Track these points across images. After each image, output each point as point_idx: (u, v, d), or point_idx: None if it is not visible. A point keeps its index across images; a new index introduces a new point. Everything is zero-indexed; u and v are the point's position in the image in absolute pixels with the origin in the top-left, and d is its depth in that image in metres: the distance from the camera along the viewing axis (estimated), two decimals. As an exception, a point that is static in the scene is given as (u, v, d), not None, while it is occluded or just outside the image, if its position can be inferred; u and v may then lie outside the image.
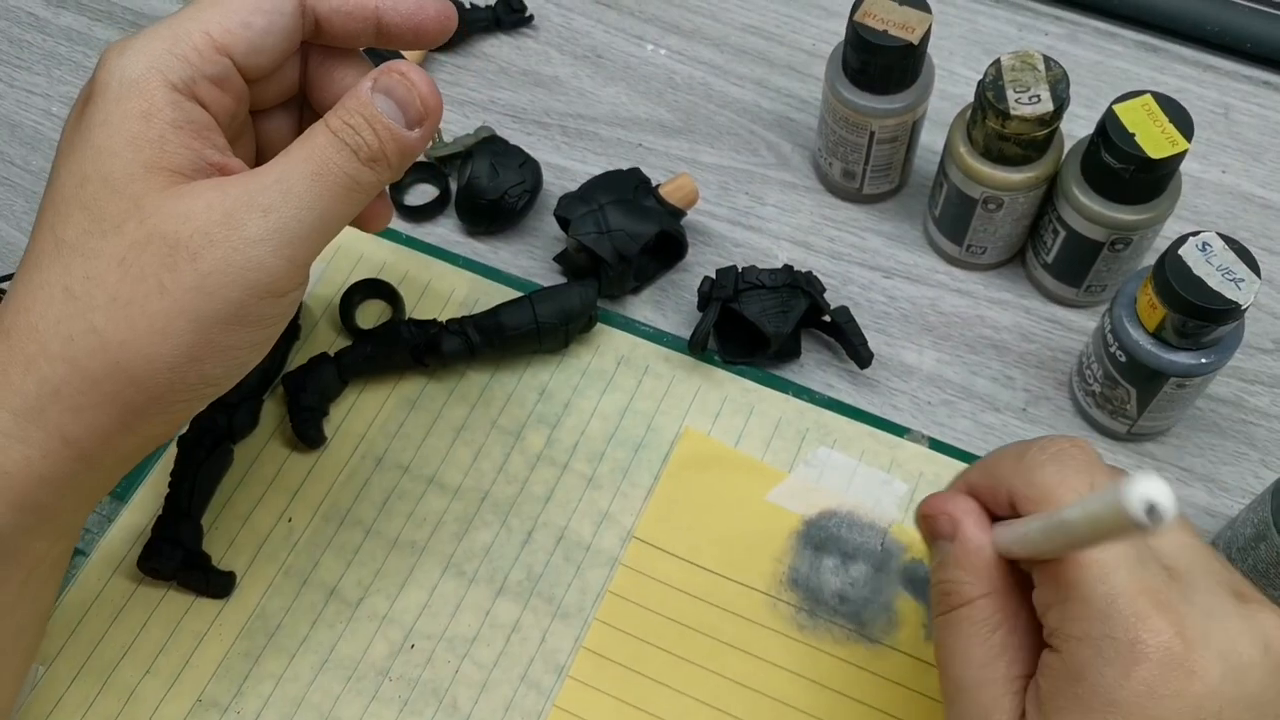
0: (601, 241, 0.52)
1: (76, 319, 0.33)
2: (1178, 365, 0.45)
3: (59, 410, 0.34)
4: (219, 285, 0.34)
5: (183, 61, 0.35)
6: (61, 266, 0.34)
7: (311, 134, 0.36)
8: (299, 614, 0.48)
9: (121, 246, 0.34)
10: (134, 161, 0.34)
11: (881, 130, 0.52)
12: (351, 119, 0.36)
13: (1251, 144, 0.58)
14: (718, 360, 0.52)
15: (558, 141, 0.60)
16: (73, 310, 0.33)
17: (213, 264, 0.34)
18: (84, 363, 0.33)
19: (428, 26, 0.39)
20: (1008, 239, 0.53)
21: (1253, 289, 0.42)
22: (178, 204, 0.34)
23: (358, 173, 0.36)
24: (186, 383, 0.35)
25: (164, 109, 0.34)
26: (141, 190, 0.34)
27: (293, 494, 0.50)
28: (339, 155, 0.35)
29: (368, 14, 0.38)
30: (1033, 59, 0.48)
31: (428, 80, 0.37)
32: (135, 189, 0.34)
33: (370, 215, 0.41)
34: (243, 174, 0.35)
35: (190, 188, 0.34)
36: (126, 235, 0.34)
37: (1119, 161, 0.46)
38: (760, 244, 0.56)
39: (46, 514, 0.35)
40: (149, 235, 0.34)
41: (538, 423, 0.51)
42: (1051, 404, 0.52)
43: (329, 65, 0.40)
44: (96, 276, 0.34)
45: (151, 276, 0.33)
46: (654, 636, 0.47)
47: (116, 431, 0.35)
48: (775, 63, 0.62)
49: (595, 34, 0.63)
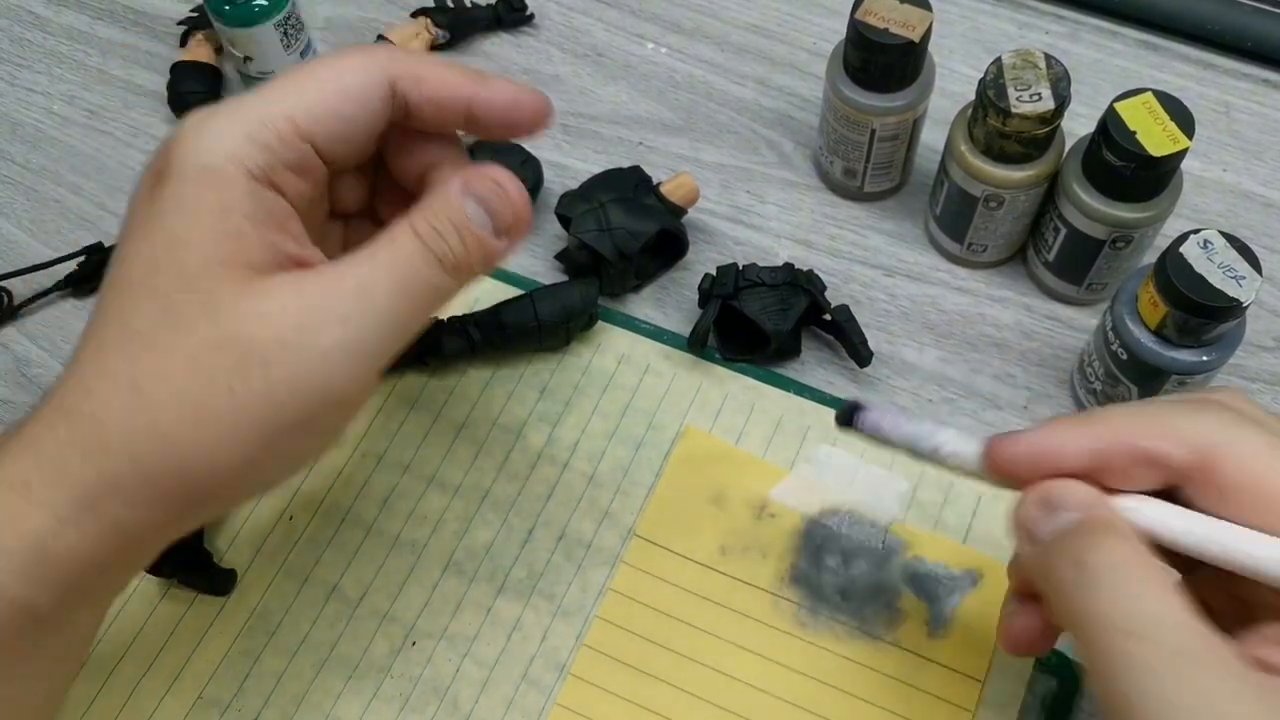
0: (602, 239, 0.52)
1: (141, 415, 0.32)
2: (1179, 363, 0.45)
3: (116, 503, 0.32)
4: (289, 394, 0.32)
5: (264, 149, 0.33)
6: (129, 357, 0.33)
7: (396, 237, 0.34)
8: (300, 612, 0.48)
9: (193, 344, 0.32)
10: (210, 256, 0.32)
11: (882, 128, 0.52)
12: (440, 224, 0.34)
13: (1252, 142, 0.58)
14: (719, 358, 0.52)
15: (559, 140, 0.60)
16: (138, 406, 0.32)
17: (284, 372, 0.32)
18: (146, 461, 0.32)
19: (521, 122, 0.37)
20: (1009, 237, 0.53)
21: (1254, 286, 0.42)
22: (253, 305, 0.32)
23: (441, 281, 0.34)
24: (245, 483, 0.34)
25: (242, 201, 0.33)
26: (216, 287, 0.32)
27: (294, 492, 0.50)
28: (425, 265, 0.34)
29: (460, 106, 0.36)
30: (1034, 57, 0.48)
31: (521, 190, 0.36)
32: (210, 285, 0.32)
33: None
34: (322, 272, 0.33)
35: (266, 286, 0.33)
36: (198, 333, 0.32)
37: (1120, 159, 0.46)
38: (761, 242, 0.56)
39: (91, 592, 0.34)
40: (222, 336, 0.32)
41: (538, 421, 0.51)
42: (1053, 402, 0.52)
43: (414, 137, 0.38)
44: (165, 373, 0.32)
45: (221, 379, 0.32)
46: (655, 634, 0.47)
47: (170, 523, 0.34)
48: (776, 61, 0.62)
49: (596, 32, 0.63)
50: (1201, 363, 0.45)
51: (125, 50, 0.65)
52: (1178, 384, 0.46)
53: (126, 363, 0.32)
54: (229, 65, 0.62)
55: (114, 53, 0.65)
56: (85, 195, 0.60)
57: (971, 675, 0.45)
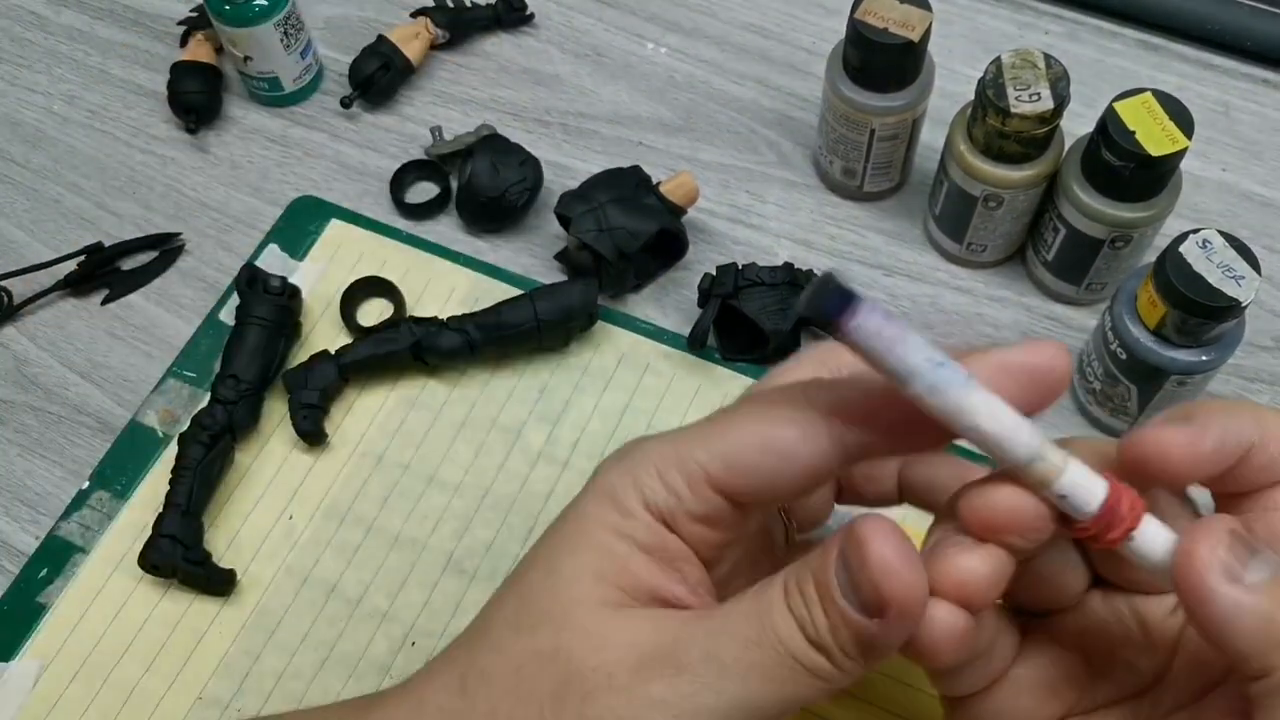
0: (602, 239, 0.52)
1: (456, 717, 0.29)
2: (1178, 363, 0.45)
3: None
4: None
5: (668, 491, 0.29)
6: (470, 649, 0.30)
7: (766, 586, 0.28)
8: (300, 611, 0.48)
9: (527, 651, 0.29)
10: (583, 564, 0.29)
11: (882, 128, 0.52)
12: (804, 584, 0.27)
13: (1251, 142, 0.58)
14: (718, 358, 0.52)
15: (558, 140, 0.60)
16: (458, 707, 0.29)
17: (600, 713, 0.27)
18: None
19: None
20: (1008, 237, 0.53)
21: (1253, 286, 0.42)
22: (600, 625, 0.28)
23: (803, 654, 0.27)
24: None
25: (638, 530, 0.29)
26: (577, 597, 0.29)
27: (293, 491, 0.50)
28: (784, 625, 0.27)
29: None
30: (1033, 57, 0.48)
31: (897, 556, 0.26)
32: (572, 593, 0.29)
33: None
34: (687, 614, 0.29)
35: (626, 613, 0.29)
36: (537, 639, 0.29)
37: (1119, 159, 0.46)
38: (760, 242, 0.56)
39: None
40: (556, 649, 0.28)
41: (538, 420, 0.51)
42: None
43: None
44: (490, 675, 0.29)
45: (536, 700, 0.28)
46: (655, 634, 0.47)
47: None
48: (776, 61, 0.62)
49: (596, 32, 0.63)
50: (1200, 362, 0.45)
51: (125, 50, 0.65)
52: (1177, 384, 0.46)
53: (465, 655, 0.30)
54: (229, 65, 0.62)
55: (114, 53, 0.65)
56: (85, 195, 0.60)
57: (971, 675, 0.45)
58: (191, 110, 0.60)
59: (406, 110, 0.61)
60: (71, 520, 0.50)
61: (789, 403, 0.28)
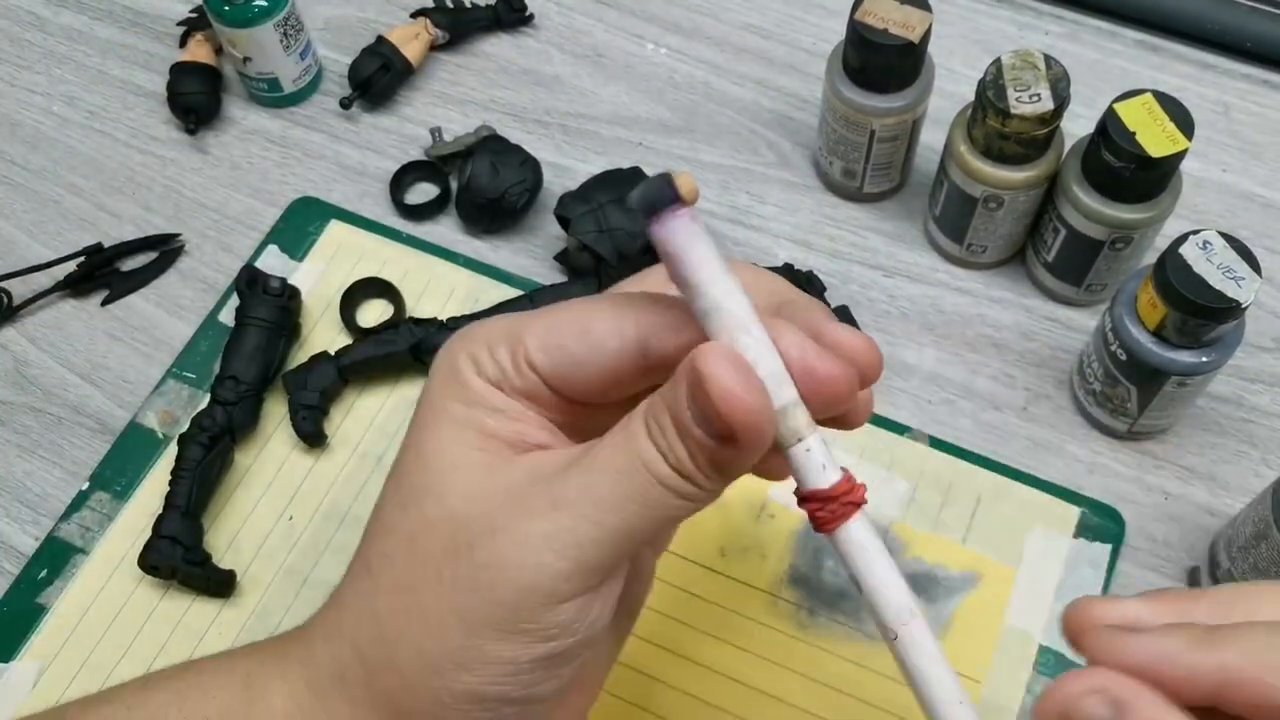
0: (602, 240, 0.52)
1: (367, 599, 0.31)
2: (1178, 364, 0.45)
3: (339, 697, 0.31)
4: (492, 582, 0.29)
5: (496, 365, 0.31)
6: (369, 540, 0.32)
7: (630, 420, 0.29)
8: (299, 612, 0.47)
9: (416, 523, 0.30)
10: (445, 437, 0.31)
11: (882, 129, 0.52)
12: (660, 417, 0.28)
13: (1252, 143, 0.58)
14: (718, 359, 0.52)
15: (558, 140, 0.60)
16: (367, 588, 0.31)
17: (489, 556, 0.29)
18: (365, 651, 0.30)
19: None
20: (1008, 238, 0.53)
21: (1253, 287, 0.42)
22: (475, 482, 0.30)
23: (669, 479, 0.29)
24: (453, 694, 0.30)
25: (481, 396, 0.31)
26: (448, 465, 0.30)
27: (293, 493, 0.50)
28: (649, 454, 0.28)
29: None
30: (1033, 58, 0.48)
31: (736, 383, 0.26)
32: (441, 463, 0.30)
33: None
34: (556, 453, 0.30)
35: (497, 467, 0.30)
36: (423, 510, 0.30)
37: (1119, 160, 0.46)
38: (760, 243, 0.56)
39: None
40: (442, 514, 0.30)
41: (538, 421, 0.51)
42: (1052, 403, 0.52)
43: None
44: (390, 554, 0.31)
45: (433, 562, 0.29)
46: (655, 635, 0.47)
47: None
48: (775, 62, 0.62)
49: (596, 33, 0.63)
50: (1201, 363, 0.45)
51: (125, 50, 0.65)
52: (1177, 385, 0.46)
53: (367, 544, 0.32)
54: (228, 65, 0.62)
55: (114, 53, 0.65)
56: (84, 195, 0.60)
57: (971, 676, 0.45)
58: (191, 111, 0.60)
59: (406, 111, 0.61)
60: (71, 521, 0.50)
61: (611, 302, 0.31)
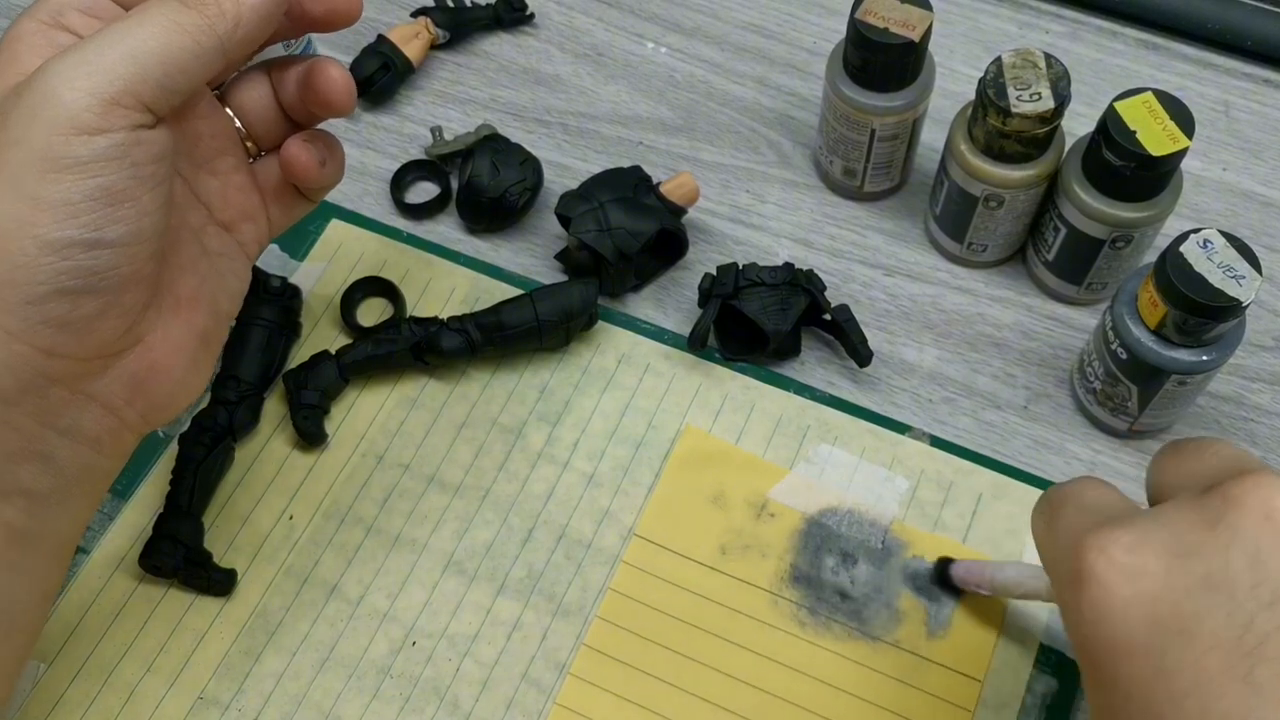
0: (602, 239, 0.52)
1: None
2: (1179, 363, 0.45)
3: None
4: (24, 128, 0.32)
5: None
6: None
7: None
8: (300, 612, 0.48)
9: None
10: (25, 28, 0.35)
11: (882, 128, 0.52)
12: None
13: (1252, 141, 0.58)
14: (719, 358, 0.52)
15: (559, 139, 0.60)
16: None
17: (21, 107, 0.33)
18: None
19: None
20: (1009, 237, 0.53)
21: (1254, 286, 0.42)
22: (40, 52, 0.34)
23: (178, 11, 0.34)
24: (26, 252, 0.32)
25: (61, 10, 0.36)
26: (26, 48, 0.35)
27: (294, 492, 0.50)
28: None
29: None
30: (1034, 56, 0.47)
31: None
32: (20, 45, 0.35)
33: (297, 164, 0.40)
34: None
35: (54, 34, 0.35)
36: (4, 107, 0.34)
37: (1120, 159, 0.46)
38: (761, 242, 0.56)
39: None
40: (8, 86, 0.34)
41: (539, 421, 0.51)
42: (1052, 401, 0.52)
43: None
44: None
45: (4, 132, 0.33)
46: (655, 634, 0.47)
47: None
48: (776, 61, 0.62)
49: (596, 32, 0.63)
50: (1201, 362, 0.45)
51: (125, 50, 0.65)
52: (1178, 384, 0.46)
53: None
54: (229, 65, 0.62)
55: (114, 52, 0.65)
56: (85, 195, 0.60)
57: (971, 675, 0.45)
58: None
59: (406, 110, 0.61)
60: (72, 520, 0.50)
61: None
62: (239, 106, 0.41)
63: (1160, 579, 0.29)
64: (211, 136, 0.39)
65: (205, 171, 0.40)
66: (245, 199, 0.41)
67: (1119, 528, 0.31)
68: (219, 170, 0.40)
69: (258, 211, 0.41)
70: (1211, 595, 0.29)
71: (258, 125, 0.41)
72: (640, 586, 0.48)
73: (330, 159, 0.41)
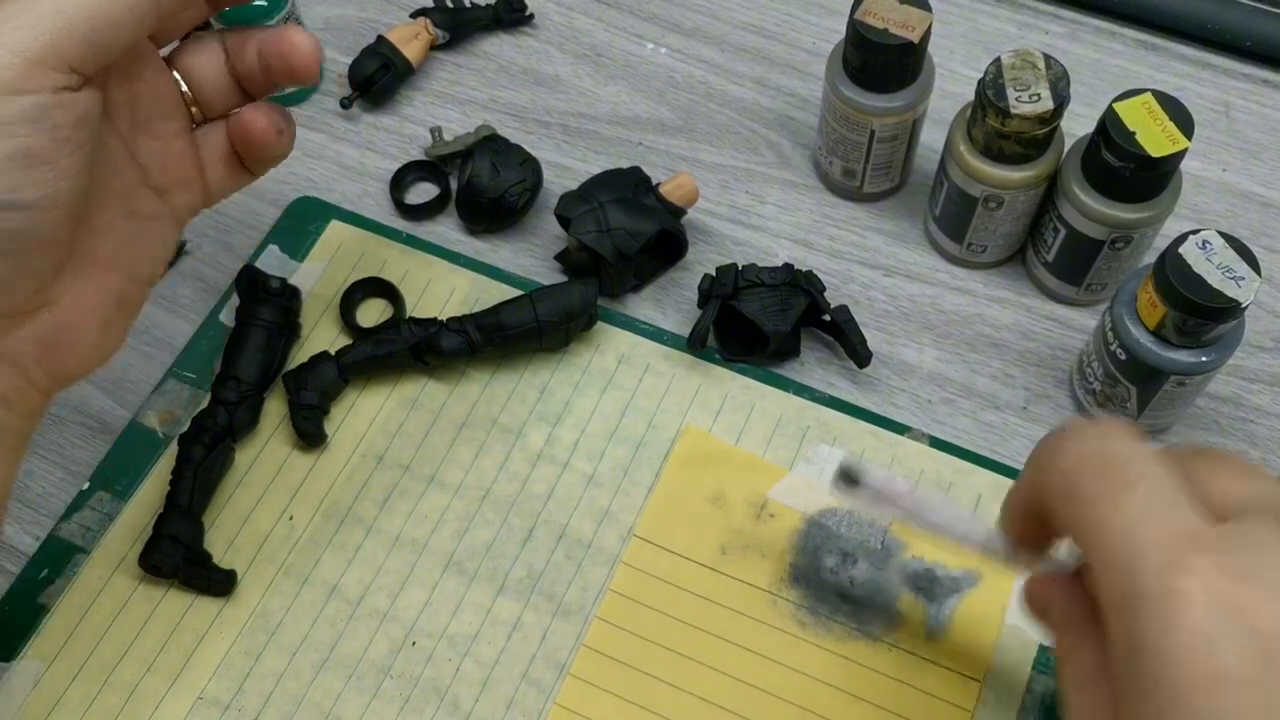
0: (602, 240, 0.52)
1: None
2: (1178, 363, 0.45)
3: None
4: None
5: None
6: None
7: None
8: (300, 612, 0.48)
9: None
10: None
11: (882, 129, 0.52)
12: None
13: (1252, 142, 0.58)
14: (718, 358, 0.53)
15: (558, 140, 0.60)
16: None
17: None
18: None
19: None
20: (1008, 237, 0.53)
21: (1253, 287, 0.42)
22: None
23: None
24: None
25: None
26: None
27: (294, 492, 0.50)
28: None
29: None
30: (1033, 57, 0.48)
31: None
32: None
33: (252, 133, 0.40)
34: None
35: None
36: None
37: (1119, 160, 0.46)
38: (760, 242, 0.56)
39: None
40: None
41: (538, 421, 0.51)
42: (1052, 402, 0.52)
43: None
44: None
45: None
46: (655, 634, 0.47)
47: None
48: (775, 61, 0.62)
49: (596, 33, 0.63)
50: (1200, 363, 0.45)
51: (125, 50, 0.65)
52: (1177, 385, 0.46)
53: None
54: (229, 65, 0.62)
55: (114, 53, 0.65)
56: (85, 195, 0.60)
57: (970, 675, 0.45)
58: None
59: (406, 111, 0.61)
60: (72, 521, 0.50)
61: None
62: (187, 70, 0.40)
63: (1275, 615, 0.27)
64: (154, 98, 0.39)
65: (145, 133, 0.39)
66: (184, 165, 0.40)
67: (1214, 552, 0.28)
68: (160, 134, 0.39)
69: (195, 179, 0.41)
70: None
71: (206, 91, 0.40)
72: (640, 587, 0.48)
73: (286, 129, 0.41)
